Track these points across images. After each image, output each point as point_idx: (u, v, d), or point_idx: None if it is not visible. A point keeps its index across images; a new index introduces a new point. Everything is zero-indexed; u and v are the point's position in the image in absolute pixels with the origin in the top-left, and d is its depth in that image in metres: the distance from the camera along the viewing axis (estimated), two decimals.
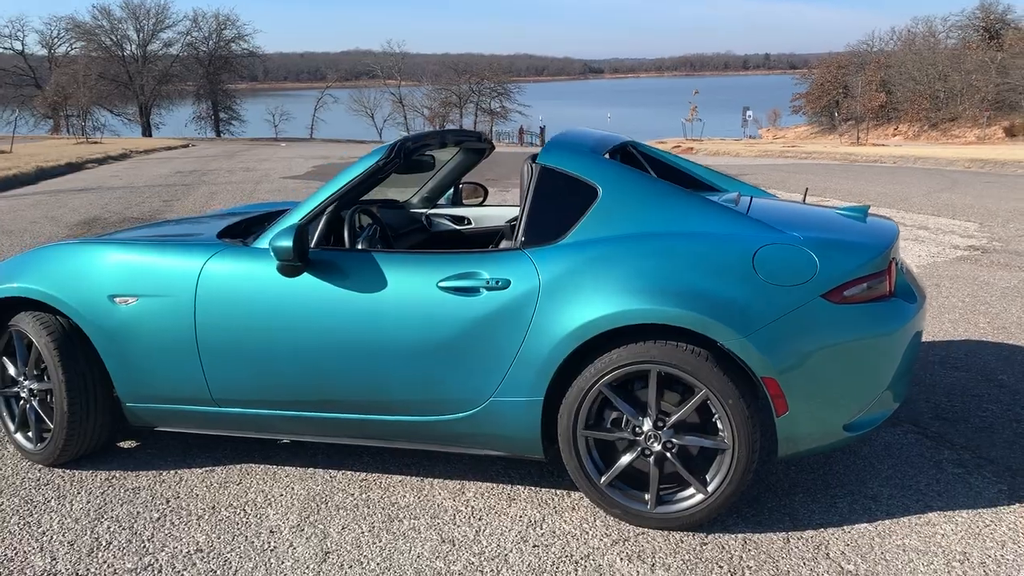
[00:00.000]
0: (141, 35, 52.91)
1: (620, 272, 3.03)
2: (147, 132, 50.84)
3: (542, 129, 52.55)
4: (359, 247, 3.68)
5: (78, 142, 33.88)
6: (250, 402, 3.46)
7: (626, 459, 3.11)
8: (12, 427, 3.83)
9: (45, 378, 3.71)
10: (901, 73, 55.47)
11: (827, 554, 2.95)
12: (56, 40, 54.58)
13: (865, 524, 3.15)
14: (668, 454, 3.07)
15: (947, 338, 5.38)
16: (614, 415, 3.14)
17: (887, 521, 3.17)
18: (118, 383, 3.58)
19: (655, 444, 3.07)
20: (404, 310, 3.21)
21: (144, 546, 3.09)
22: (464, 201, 5.02)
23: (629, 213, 3.16)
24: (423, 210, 4.86)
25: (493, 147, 4.66)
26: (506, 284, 3.12)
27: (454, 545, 3.07)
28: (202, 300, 3.40)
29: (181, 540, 3.13)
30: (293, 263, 3.24)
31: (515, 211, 4.78)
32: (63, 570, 2.94)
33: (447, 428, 3.29)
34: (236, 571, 2.92)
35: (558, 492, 3.44)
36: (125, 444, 3.99)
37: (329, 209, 3.46)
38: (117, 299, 3.50)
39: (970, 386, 4.52)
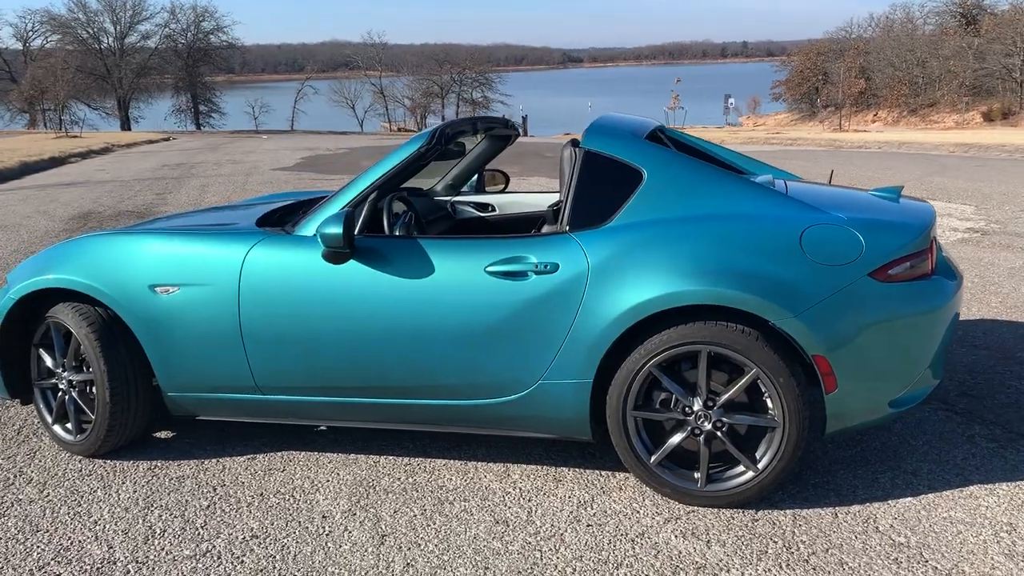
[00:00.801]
0: (118, 27, 52.31)
1: (670, 254, 3.07)
2: (126, 126, 50.32)
3: (524, 119, 52.42)
4: (396, 234, 3.69)
5: (57, 136, 33.49)
6: (295, 389, 3.48)
7: (676, 438, 3.16)
8: (50, 419, 3.82)
9: (84, 369, 3.70)
10: (880, 59, 55.84)
11: (876, 528, 3.01)
12: (31, 33, 53.88)
13: (909, 498, 3.21)
14: (718, 433, 3.11)
15: (963, 318, 5.46)
16: (663, 395, 3.18)
17: (930, 495, 3.23)
18: (159, 373, 3.58)
19: (706, 423, 3.11)
20: (452, 295, 3.23)
21: (199, 533, 3.11)
22: (486, 188, 5.04)
23: (674, 196, 3.20)
24: (447, 197, 4.87)
25: (519, 133, 4.67)
26: (555, 268, 3.15)
27: (508, 526, 3.10)
28: (246, 288, 3.41)
29: (235, 527, 3.15)
30: (341, 250, 3.25)
31: (540, 197, 4.80)
32: (121, 558, 2.95)
33: (495, 411, 3.32)
34: (295, 556, 2.94)
35: (603, 473, 3.48)
36: (162, 434, 4.00)
37: (372, 196, 3.47)
38: (158, 289, 3.50)
39: (991, 364, 4.60)
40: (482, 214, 4.83)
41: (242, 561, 2.92)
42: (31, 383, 3.88)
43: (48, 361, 3.80)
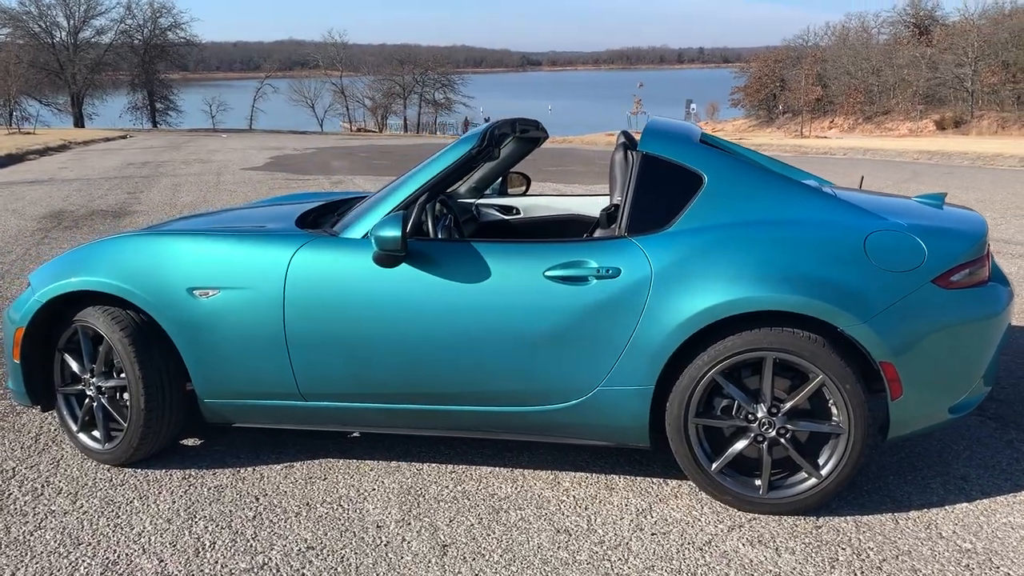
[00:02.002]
0: (72, 22, 50.98)
1: (735, 259, 3.04)
2: (79, 123, 49.12)
3: (487, 121, 52.42)
4: (439, 236, 3.62)
5: (10, 132, 32.61)
6: (341, 395, 3.38)
7: (740, 446, 3.13)
8: (75, 427, 3.67)
9: (115, 375, 3.57)
10: (836, 67, 56.85)
11: (940, 534, 3.02)
12: None
13: (965, 503, 3.23)
14: (782, 440, 3.09)
15: None
16: (724, 402, 3.15)
17: (985, 500, 3.25)
18: (196, 379, 3.46)
19: (770, 430, 3.09)
20: (510, 300, 3.17)
21: (251, 545, 3.00)
22: (509, 191, 4.98)
23: (735, 200, 3.18)
24: (470, 200, 4.80)
25: (547, 136, 4.62)
26: (616, 273, 3.10)
27: (570, 535, 3.05)
28: (292, 291, 3.31)
29: (287, 538, 3.05)
30: (397, 253, 3.17)
31: (562, 200, 4.76)
32: (175, 572, 2.84)
33: (549, 418, 3.26)
34: (357, 568, 2.86)
35: (655, 480, 3.45)
36: (189, 442, 3.87)
37: (422, 199, 3.39)
38: (197, 292, 3.38)
39: (1015, 369, 4.66)
40: (506, 217, 4.77)
41: (303, 574, 2.83)
42: (53, 389, 3.72)
43: (74, 366, 3.65)
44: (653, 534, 3.05)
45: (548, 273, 3.15)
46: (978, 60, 48.85)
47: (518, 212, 4.77)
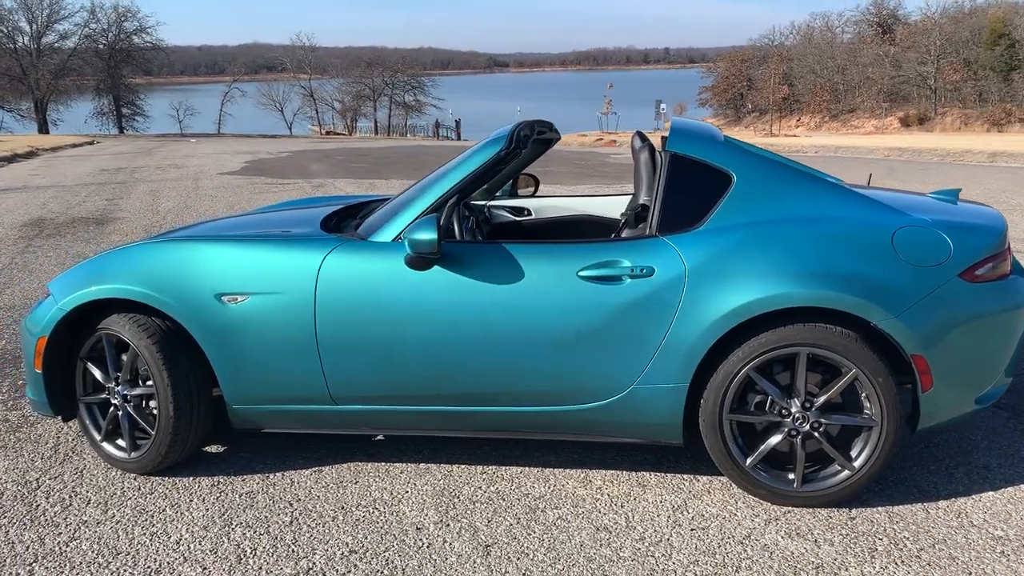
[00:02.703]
0: (34, 27, 50.16)
1: (768, 256, 3.09)
2: (43, 129, 48.31)
3: (457, 123, 52.37)
4: (464, 239, 3.63)
5: None
6: (373, 398, 3.38)
7: (774, 440, 3.18)
8: (98, 436, 3.64)
9: (141, 383, 3.54)
10: (802, 66, 57.51)
11: (971, 522, 3.09)
12: None
13: (991, 492, 3.30)
14: (815, 434, 3.14)
15: None
16: (757, 398, 3.20)
17: (1010, 488, 3.33)
18: (225, 385, 3.45)
19: (803, 425, 3.14)
20: (544, 300, 3.19)
21: (292, 551, 3.00)
22: (519, 192, 4.99)
23: (764, 198, 3.23)
24: (482, 202, 4.81)
25: (560, 137, 4.64)
26: (650, 272, 3.14)
27: (611, 533, 3.08)
28: (323, 296, 3.30)
29: (328, 543, 3.05)
30: (432, 255, 3.18)
31: (572, 201, 4.79)
32: None
33: (583, 417, 3.29)
34: (403, 570, 2.87)
35: (685, 477, 3.49)
36: (212, 448, 3.85)
37: (452, 201, 3.41)
38: (225, 298, 3.37)
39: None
40: (517, 218, 4.79)
41: None
42: (74, 398, 3.69)
43: (97, 375, 3.61)
44: (692, 529, 3.08)
45: (582, 273, 3.18)
46: (940, 58, 49.68)
47: (529, 213, 4.79)
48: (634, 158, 4.17)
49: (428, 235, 3.13)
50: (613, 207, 4.69)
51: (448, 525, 3.15)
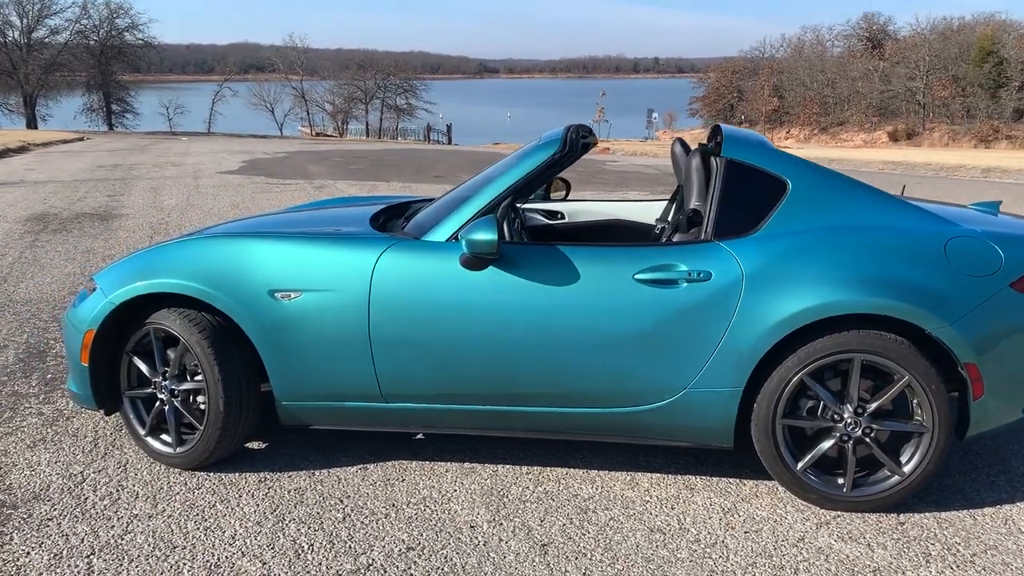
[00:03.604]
0: (25, 21, 49.81)
1: (825, 263, 3.13)
2: (32, 124, 47.97)
3: (448, 127, 52.44)
4: (512, 240, 3.65)
5: None
6: (423, 397, 3.40)
7: (826, 445, 3.21)
8: (142, 431, 3.63)
9: (189, 377, 3.54)
10: (792, 79, 57.98)
11: (1020, 529, 3.14)
12: None
13: None
14: (867, 439, 3.18)
15: None
16: (809, 403, 3.23)
17: None
18: (276, 381, 3.45)
19: (856, 430, 3.18)
20: (600, 302, 3.22)
21: (349, 547, 3.01)
22: (551, 195, 5.02)
23: (819, 206, 3.27)
24: (517, 204, 4.82)
25: (596, 142, 4.68)
26: (707, 276, 3.17)
27: (665, 534, 3.10)
28: (377, 294, 3.32)
29: (384, 539, 3.06)
30: (490, 256, 3.20)
31: (605, 205, 4.82)
32: (280, 574, 2.83)
33: (635, 420, 3.32)
34: (463, 567, 2.88)
35: (731, 480, 3.52)
36: (254, 445, 3.85)
37: (506, 202, 3.43)
38: (279, 294, 3.37)
39: None
40: (550, 221, 4.82)
41: (411, 574, 2.84)
42: (118, 392, 3.68)
43: (144, 369, 3.61)
44: (746, 532, 3.11)
45: (638, 276, 3.21)
46: (929, 74, 50.20)
47: (562, 217, 4.82)
48: (676, 163, 4.21)
49: (487, 235, 3.15)
50: (646, 212, 4.74)
51: (501, 524, 3.17)
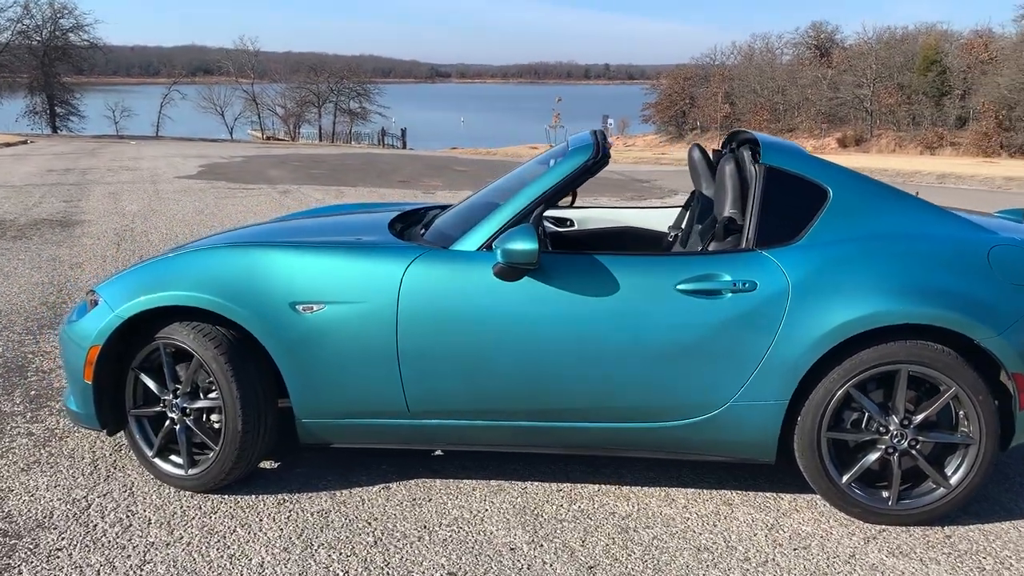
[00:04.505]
0: None
1: (871, 272, 3.07)
2: None
3: (403, 132, 52.05)
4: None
5: None
6: (453, 412, 3.26)
7: (871, 457, 3.15)
8: (150, 452, 3.42)
9: (201, 395, 3.35)
10: (743, 86, 58.72)
11: None
12: None
13: None
14: (912, 451, 3.12)
15: None
16: (854, 415, 3.16)
17: None
18: (296, 397, 3.28)
19: (902, 442, 3.12)
20: (641, 313, 3.11)
21: (387, 573, 2.85)
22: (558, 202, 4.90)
23: (861, 214, 3.21)
24: None
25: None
26: (752, 286, 3.09)
27: (712, 553, 3.00)
28: (406, 306, 3.17)
29: (423, 564, 2.91)
30: (531, 266, 3.07)
31: (612, 212, 4.72)
32: None
33: (673, 434, 3.21)
34: None
35: (769, 495, 3.43)
36: (265, 465, 3.66)
37: (539, 211, 3.30)
38: (300, 307, 3.21)
39: None
40: (560, 229, 4.71)
41: None
42: (123, 411, 3.47)
43: (152, 386, 3.41)
44: (795, 549, 3.03)
45: (680, 287, 3.11)
46: (876, 82, 51.23)
47: (572, 224, 4.71)
48: (694, 170, 4.13)
49: (527, 245, 3.02)
50: (655, 219, 4.65)
51: (542, 545, 3.04)
